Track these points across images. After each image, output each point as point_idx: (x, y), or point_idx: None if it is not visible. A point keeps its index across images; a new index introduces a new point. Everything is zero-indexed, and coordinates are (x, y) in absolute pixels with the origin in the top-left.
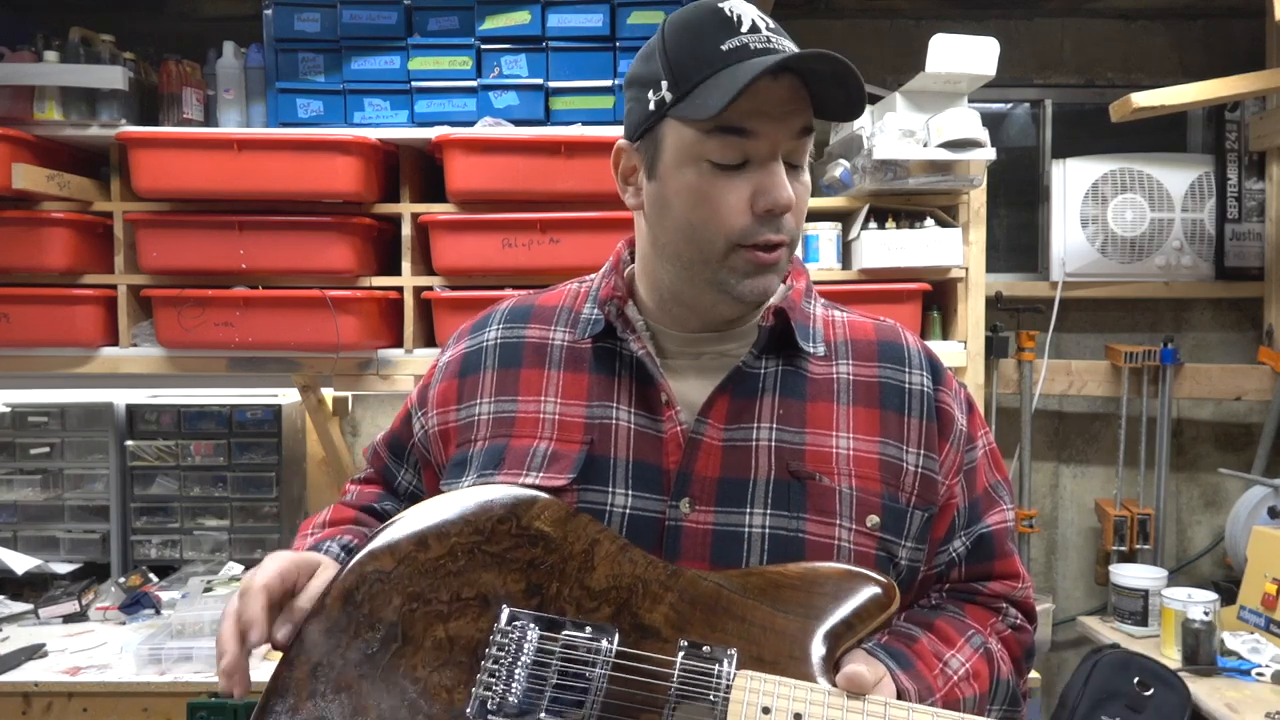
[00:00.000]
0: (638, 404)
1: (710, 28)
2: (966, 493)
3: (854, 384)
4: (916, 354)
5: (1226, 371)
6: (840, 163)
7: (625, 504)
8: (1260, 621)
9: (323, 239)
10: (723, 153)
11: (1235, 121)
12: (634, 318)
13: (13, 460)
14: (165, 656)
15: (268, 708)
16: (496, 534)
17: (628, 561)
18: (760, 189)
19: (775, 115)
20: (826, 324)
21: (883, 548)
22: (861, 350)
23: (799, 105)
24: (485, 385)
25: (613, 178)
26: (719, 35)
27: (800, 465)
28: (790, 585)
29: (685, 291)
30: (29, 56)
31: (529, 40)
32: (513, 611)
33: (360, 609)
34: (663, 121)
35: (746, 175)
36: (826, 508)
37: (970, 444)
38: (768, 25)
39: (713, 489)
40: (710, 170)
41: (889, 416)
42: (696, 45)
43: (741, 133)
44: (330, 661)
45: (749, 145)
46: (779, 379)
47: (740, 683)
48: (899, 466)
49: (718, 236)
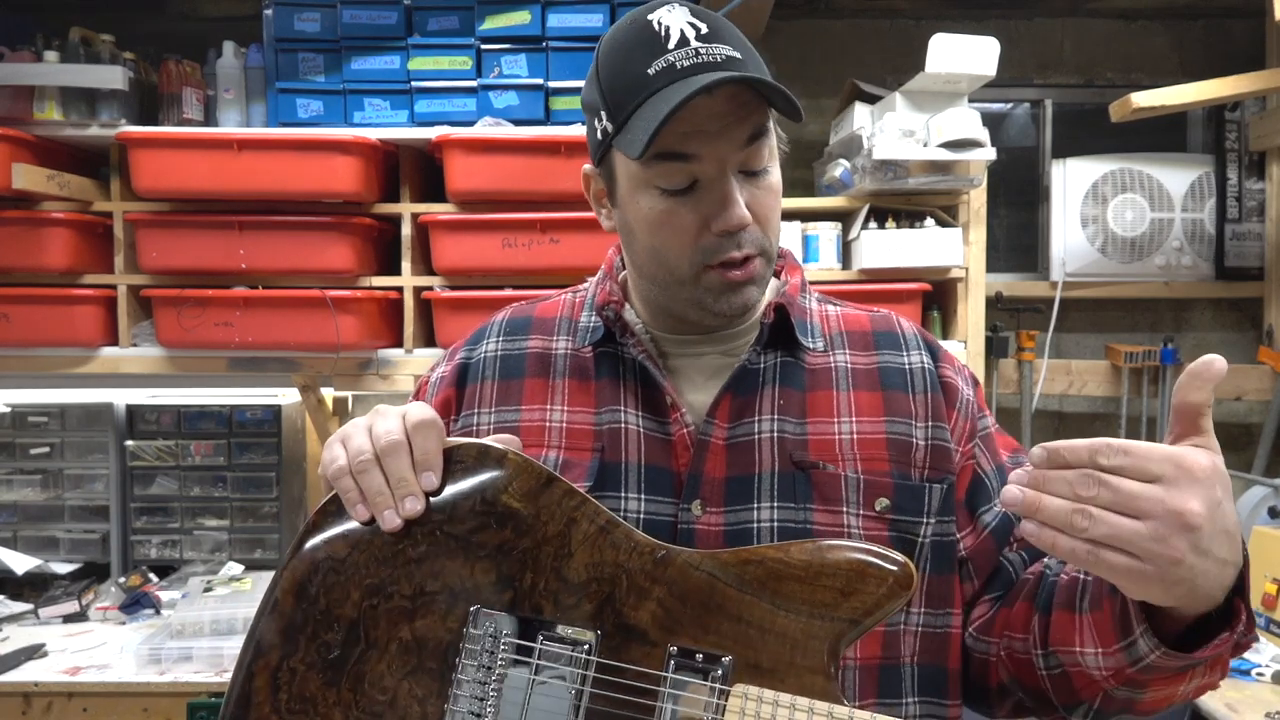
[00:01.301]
0: (644, 408)
1: (637, 49)
2: (990, 458)
3: (853, 371)
4: (913, 337)
5: (1226, 371)
6: (840, 163)
7: (639, 509)
8: (1260, 621)
9: (323, 239)
10: (668, 179)
11: (1235, 121)
12: (632, 321)
13: (13, 460)
14: (165, 656)
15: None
16: (460, 512)
17: (609, 547)
18: (713, 212)
19: (713, 131)
20: (822, 318)
21: (896, 529)
22: (858, 341)
23: (742, 113)
24: (484, 396)
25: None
26: (645, 57)
27: (803, 455)
28: (793, 576)
29: (672, 306)
30: (29, 56)
31: (529, 40)
32: (483, 611)
33: (316, 604)
34: (610, 150)
35: (698, 196)
36: (832, 496)
37: (980, 413)
38: (698, 33)
39: (721, 489)
40: (660, 196)
41: (892, 396)
42: (625, 69)
43: (682, 157)
44: (291, 667)
45: (693, 168)
46: (778, 371)
47: (735, 703)
48: (908, 443)
49: (681, 260)
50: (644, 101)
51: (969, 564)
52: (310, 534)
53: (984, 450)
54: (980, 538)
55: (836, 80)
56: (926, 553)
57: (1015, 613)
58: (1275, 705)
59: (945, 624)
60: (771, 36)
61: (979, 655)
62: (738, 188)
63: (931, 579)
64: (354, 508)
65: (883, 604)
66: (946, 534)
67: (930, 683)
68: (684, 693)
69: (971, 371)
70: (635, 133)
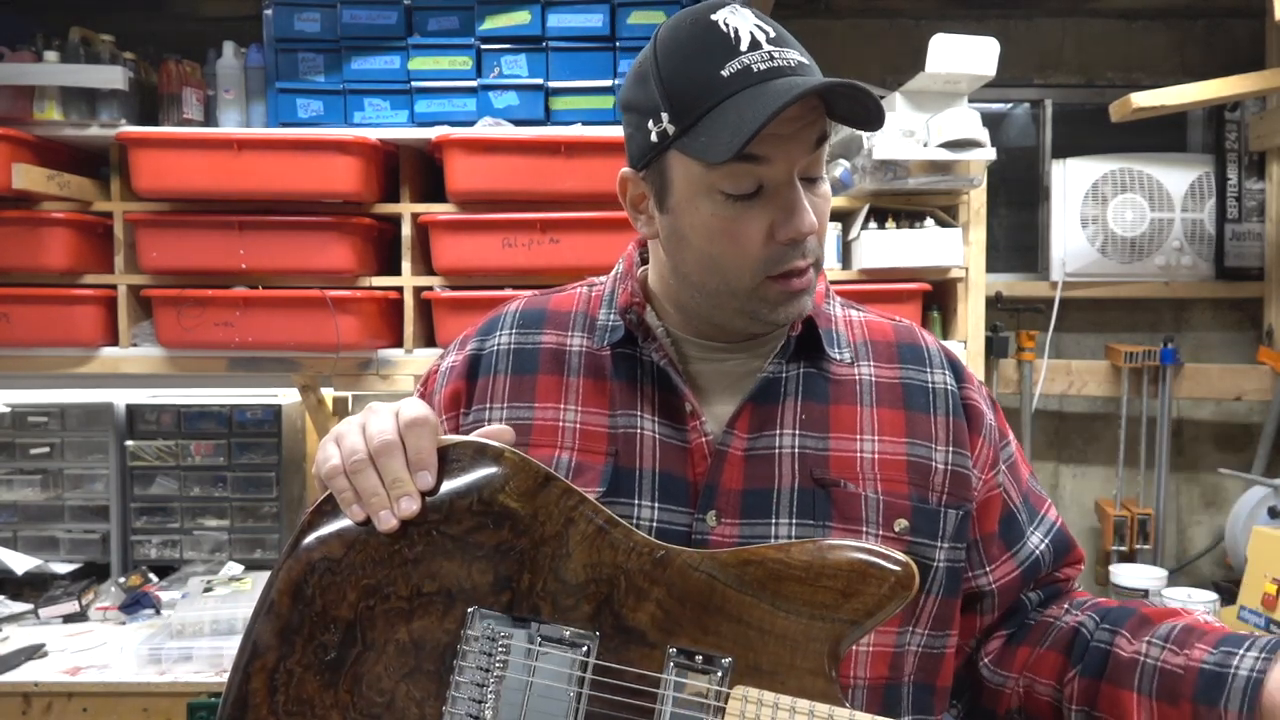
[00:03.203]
0: (661, 413)
1: (706, 50)
2: (1015, 487)
3: (877, 385)
4: (937, 354)
5: (1226, 371)
6: (840, 163)
7: (651, 517)
8: (1260, 622)
9: (323, 239)
10: (736, 183)
11: (1235, 121)
12: (654, 325)
13: (13, 460)
14: (165, 656)
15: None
16: (456, 511)
17: (608, 547)
18: (780, 218)
19: (786, 135)
20: (847, 325)
21: (912, 551)
22: (881, 352)
23: (811, 117)
24: (496, 390)
25: (614, 184)
26: (717, 59)
27: (824, 472)
28: (793, 577)
29: (715, 315)
30: (29, 56)
31: (529, 40)
32: (481, 613)
33: (312, 605)
34: (667, 152)
35: (764, 202)
36: (852, 515)
37: (1003, 440)
38: (768, 37)
39: (738, 501)
40: (725, 202)
41: (915, 417)
42: (695, 72)
43: (754, 159)
44: (288, 669)
45: (762, 171)
46: (800, 382)
47: (735, 705)
48: (927, 467)
49: (743, 270)
50: (719, 104)
51: (994, 596)
52: (305, 534)
53: (1010, 479)
54: (1011, 575)
55: None
56: (941, 577)
57: (1043, 657)
58: None
59: (943, 645)
60: None
61: (993, 686)
62: (805, 196)
63: (941, 602)
64: (349, 508)
65: (884, 605)
66: (958, 560)
67: (923, 700)
68: (683, 694)
69: (990, 391)
70: (716, 135)
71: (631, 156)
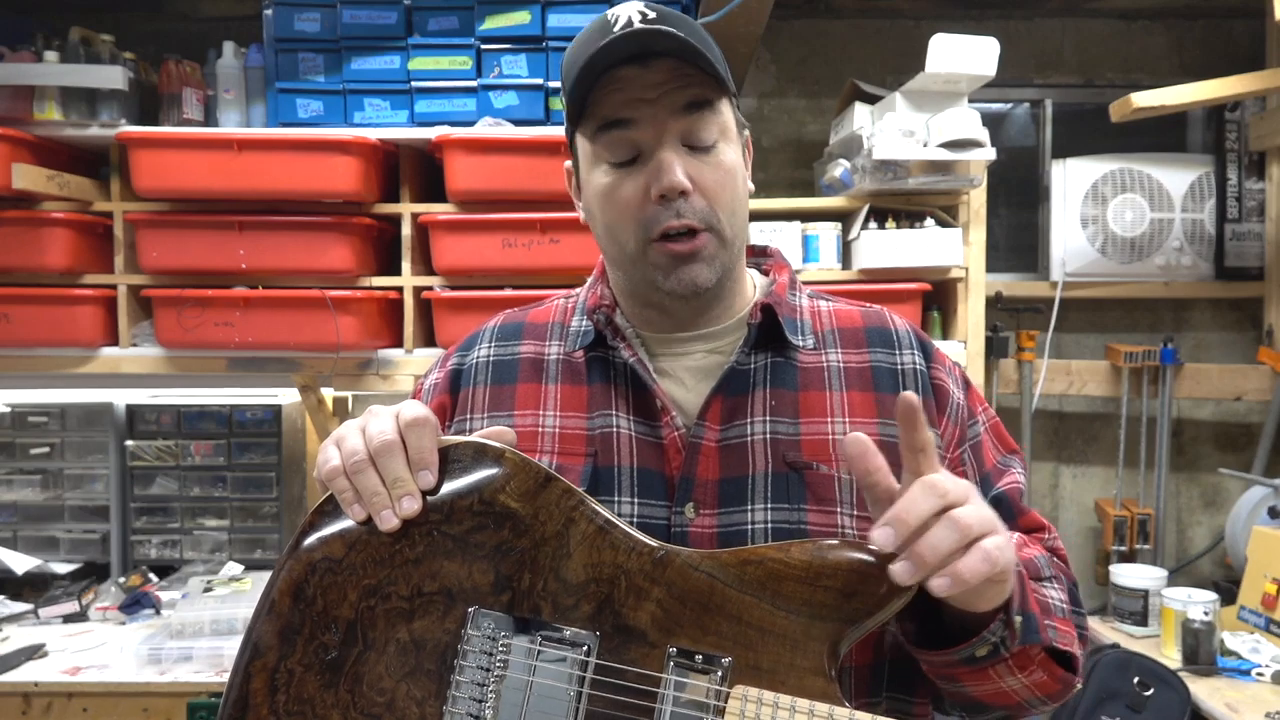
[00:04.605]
0: (636, 411)
1: (589, 35)
2: (975, 467)
3: (845, 370)
4: (905, 335)
5: (1226, 371)
6: (840, 163)
7: (631, 513)
8: (1260, 621)
9: (323, 239)
10: (614, 151)
11: (1235, 121)
12: (623, 325)
13: (13, 460)
14: (165, 656)
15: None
16: (457, 512)
17: (608, 547)
18: (650, 176)
19: (651, 99)
20: (814, 315)
21: None
22: (850, 338)
23: (680, 83)
24: (477, 401)
25: None
26: (595, 41)
27: (797, 455)
28: (793, 577)
29: (636, 292)
30: (29, 56)
31: (529, 40)
32: (481, 613)
33: (313, 605)
34: (575, 138)
35: (641, 166)
36: (826, 496)
37: (971, 419)
38: (644, 18)
39: (715, 491)
40: (609, 170)
41: (885, 399)
42: (578, 55)
43: (622, 124)
44: (289, 669)
45: (635, 136)
46: (769, 371)
47: (735, 705)
48: (897, 446)
49: (628, 233)
50: (582, 78)
51: None
52: (307, 534)
53: (972, 459)
54: None
55: (836, 80)
56: None
57: None
58: (1275, 705)
59: None
60: (771, 36)
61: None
62: (679, 157)
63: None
64: (350, 508)
65: (884, 604)
66: None
67: (900, 678)
68: (683, 694)
69: (964, 371)
70: (575, 106)
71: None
